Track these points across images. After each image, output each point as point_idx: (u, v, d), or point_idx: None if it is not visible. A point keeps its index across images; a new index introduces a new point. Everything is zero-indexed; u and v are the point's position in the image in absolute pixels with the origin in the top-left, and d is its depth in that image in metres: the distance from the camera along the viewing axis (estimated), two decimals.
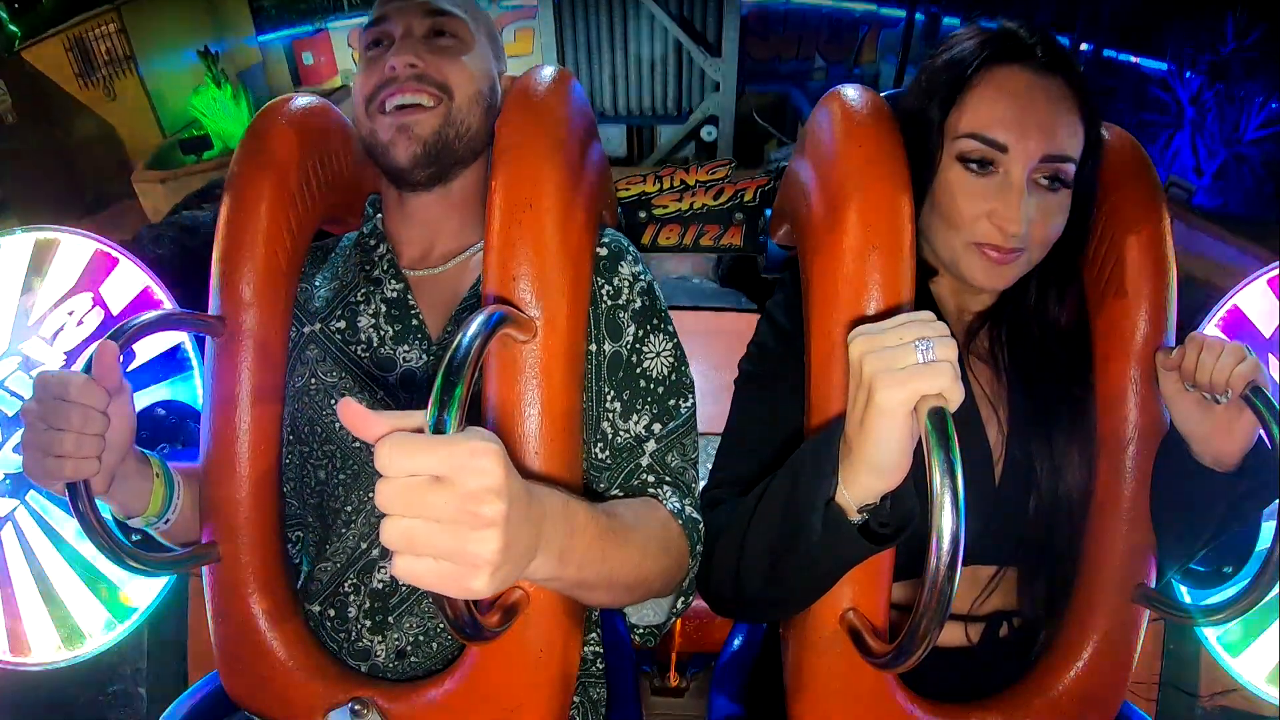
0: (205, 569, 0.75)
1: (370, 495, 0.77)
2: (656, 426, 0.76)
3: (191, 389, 1.13)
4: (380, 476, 0.41)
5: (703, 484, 0.80)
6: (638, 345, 0.77)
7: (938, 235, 0.76)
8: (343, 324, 0.81)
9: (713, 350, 1.28)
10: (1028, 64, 0.72)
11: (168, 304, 1.14)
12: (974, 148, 0.71)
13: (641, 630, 0.79)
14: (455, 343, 0.47)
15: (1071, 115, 0.72)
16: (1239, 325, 1.11)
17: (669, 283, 1.48)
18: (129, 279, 1.13)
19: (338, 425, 0.78)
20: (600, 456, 0.76)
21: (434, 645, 0.77)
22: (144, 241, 1.23)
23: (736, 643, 1.05)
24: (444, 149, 0.77)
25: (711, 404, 1.24)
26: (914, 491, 0.59)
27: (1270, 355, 1.10)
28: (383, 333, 0.80)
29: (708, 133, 4.56)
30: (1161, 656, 1.14)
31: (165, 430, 1.08)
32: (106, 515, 0.69)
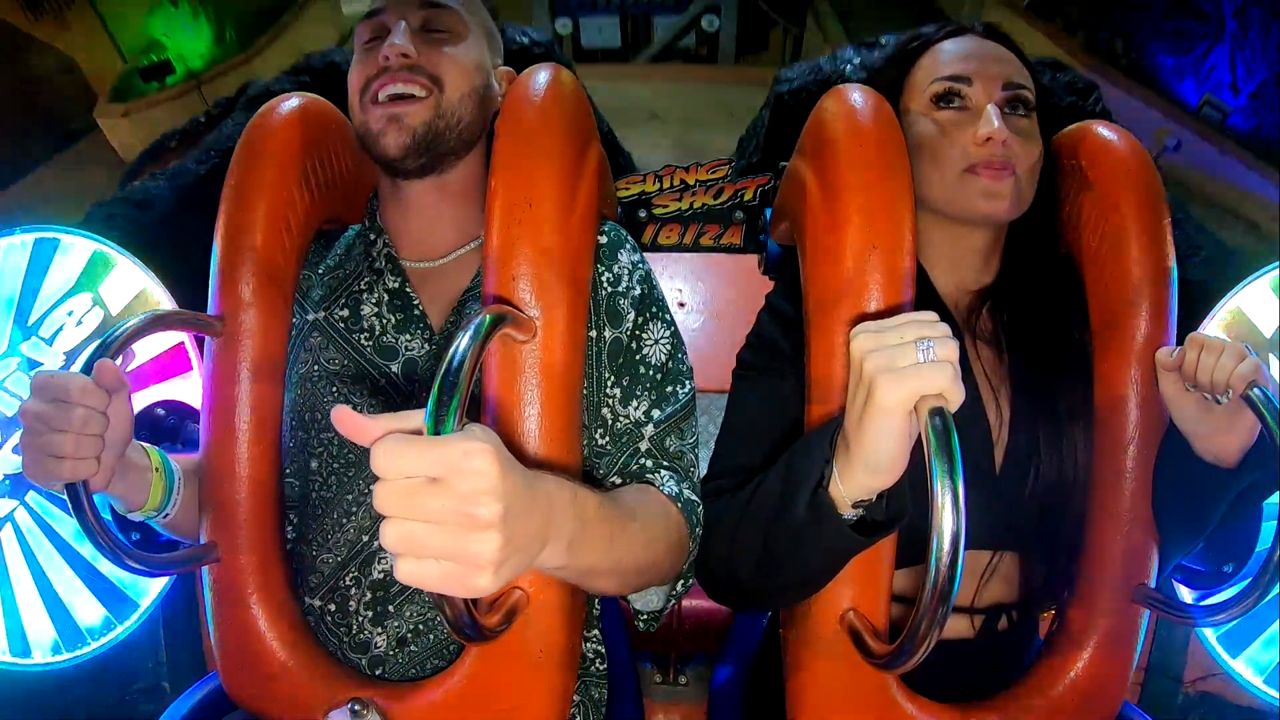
0: (204, 569, 0.75)
1: (369, 488, 0.77)
2: (655, 412, 0.77)
3: (191, 389, 1.13)
4: (378, 479, 0.41)
5: (704, 457, 0.80)
6: (637, 332, 0.78)
7: (928, 181, 0.78)
8: (346, 312, 0.81)
9: (718, 297, 1.30)
10: (970, 35, 0.82)
11: (167, 304, 1.13)
12: (942, 86, 0.79)
13: (645, 615, 0.79)
14: (454, 344, 0.47)
15: (1018, 62, 0.81)
16: (1239, 325, 1.11)
17: (670, 252, 1.49)
18: (129, 279, 1.13)
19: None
20: (600, 442, 0.77)
21: (433, 635, 0.77)
22: (96, 222, 1.21)
23: (737, 641, 1.05)
24: (435, 140, 0.77)
25: (716, 356, 1.23)
26: (908, 488, 0.59)
27: (1270, 355, 1.10)
28: (385, 321, 0.80)
29: (709, 21, 4.28)
30: (1152, 644, 1.14)
31: (165, 430, 1.08)
32: (106, 515, 0.69)
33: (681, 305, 1.30)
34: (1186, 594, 1.05)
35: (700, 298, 1.30)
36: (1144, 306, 0.74)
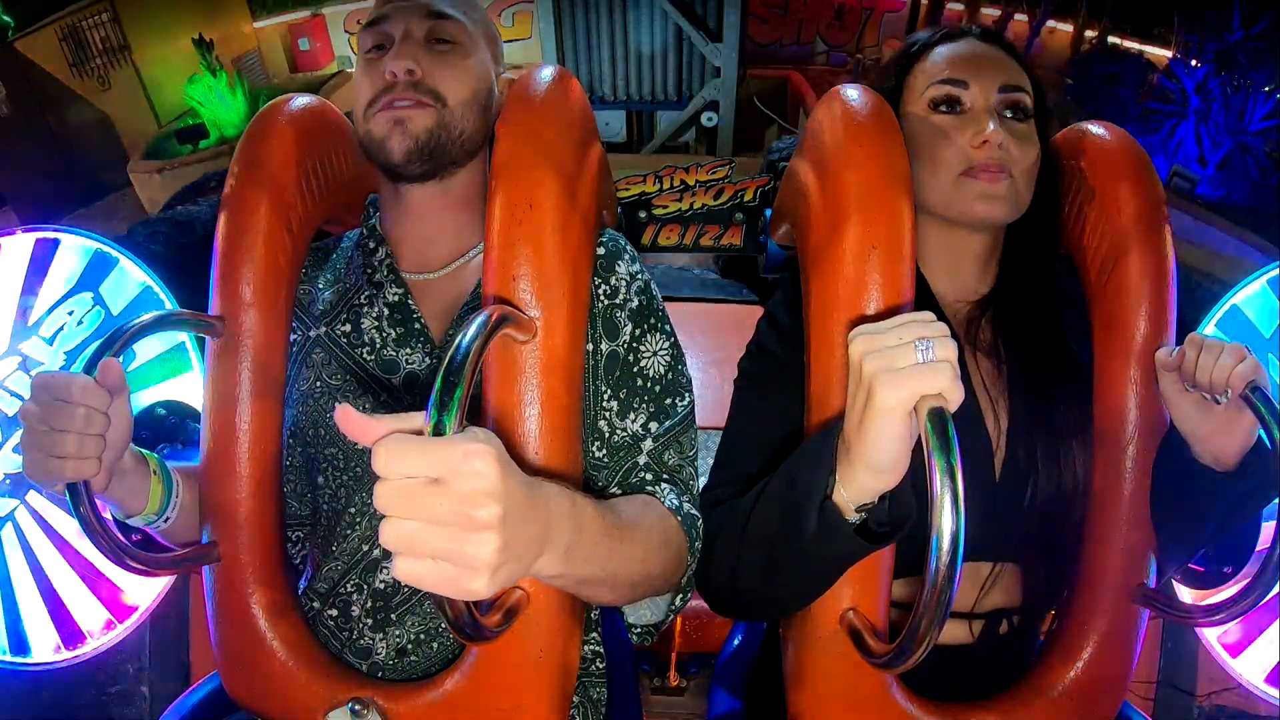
0: (205, 569, 0.75)
1: (373, 498, 0.77)
2: (654, 425, 0.77)
3: (192, 389, 1.13)
4: (378, 478, 0.41)
5: (702, 480, 0.80)
6: (635, 344, 0.78)
7: (926, 184, 0.78)
8: (347, 327, 0.81)
9: (713, 343, 1.29)
10: (967, 38, 0.83)
11: (168, 304, 1.13)
12: (939, 90, 0.79)
13: (639, 629, 0.79)
14: (454, 344, 0.47)
15: (1015, 65, 0.81)
16: (1239, 325, 1.11)
17: (670, 273, 1.48)
18: (129, 279, 1.13)
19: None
20: (598, 455, 0.76)
21: (434, 645, 0.77)
22: (137, 238, 1.22)
23: (736, 642, 1.05)
24: (437, 148, 0.78)
25: (712, 398, 1.24)
26: (911, 491, 0.59)
27: (1270, 355, 1.10)
28: (385, 335, 0.80)
29: (708, 118, 4.47)
30: (1160, 655, 1.14)
31: (165, 430, 1.08)
32: (106, 515, 0.69)
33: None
34: (1186, 594, 1.05)
35: (698, 345, 1.30)
36: (1144, 307, 0.74)
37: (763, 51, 5.79)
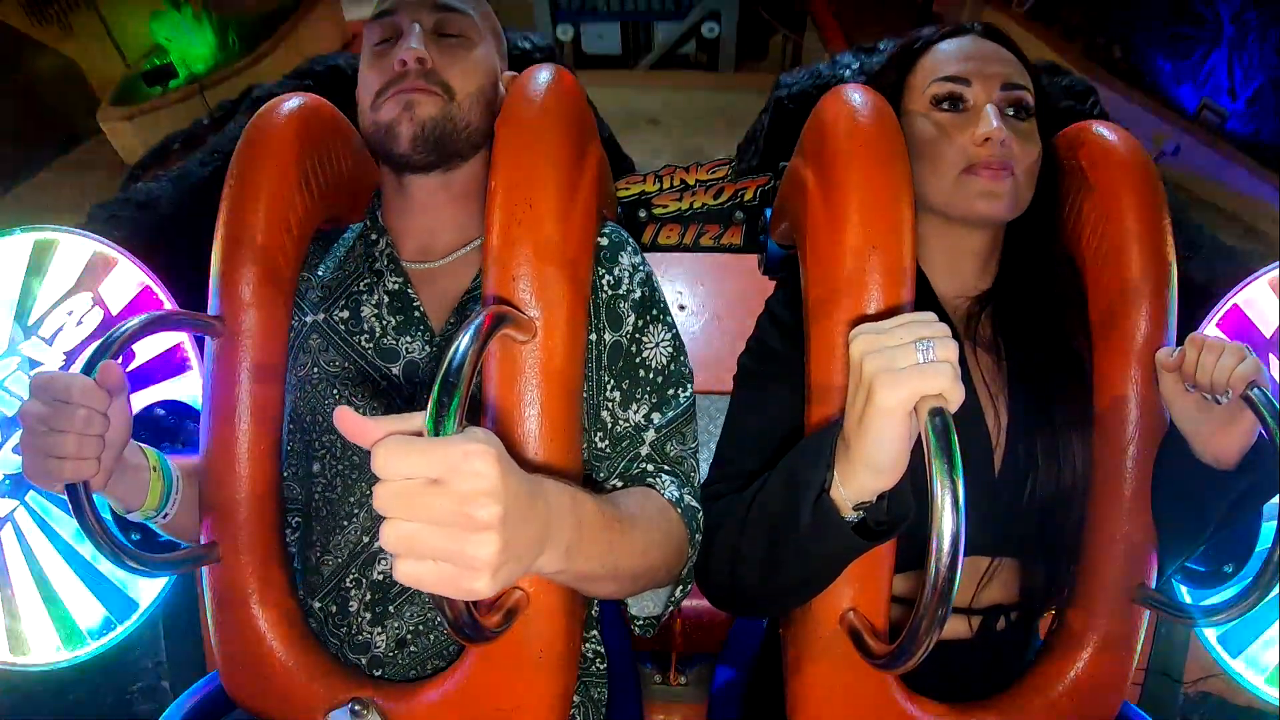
0: (205, 569, 0.75)
1: (370, 490, 0.77)
2: (655, 416, 0.77)
3: (191, 389, 1.13)
4: (378, 480, 0.41)
5: (704, 458, 0.80)
6: (637, 335, 0.78)
7: (927, 182, 0.78)
8: (346, 313, 0.81)
9: (719, 296, 1.28)
10: (969, 35, 0.82)
11: (167, 304, 1.13)
12: (941, 88, 0.79)
13: (642, 621, 0.79)
14: (454, 344, 0.47)
15: (1017, 63, 0.81)
16: (1239, 325, 1.10)
17: (670, 251, 1.48)
18: (128, 279, 1.13)
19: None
20: (600, 446, 0.77)
21: (433, 636, 0.77)
22: (97, 222, 1.20)
23: (736, 641, 1.05)
24: (443, 137, 0.78)
25: (717, 358, 1.23)
26: (910, 490, 0.59)
27: (1270, 355, 1.10)
28: (385, 323, 0.80)
29: (709, 29, 4.26)
30: (1152, 644, 1.14)
31: (165, 430, 1.08)
32: (107, 516, 0.69)
33: (682, 308, 1.30)
34: (1186, 594, 1.05)
35: (700, 300, 1.30)
36: (1144, 306, 0.74)
37: None
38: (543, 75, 0.72)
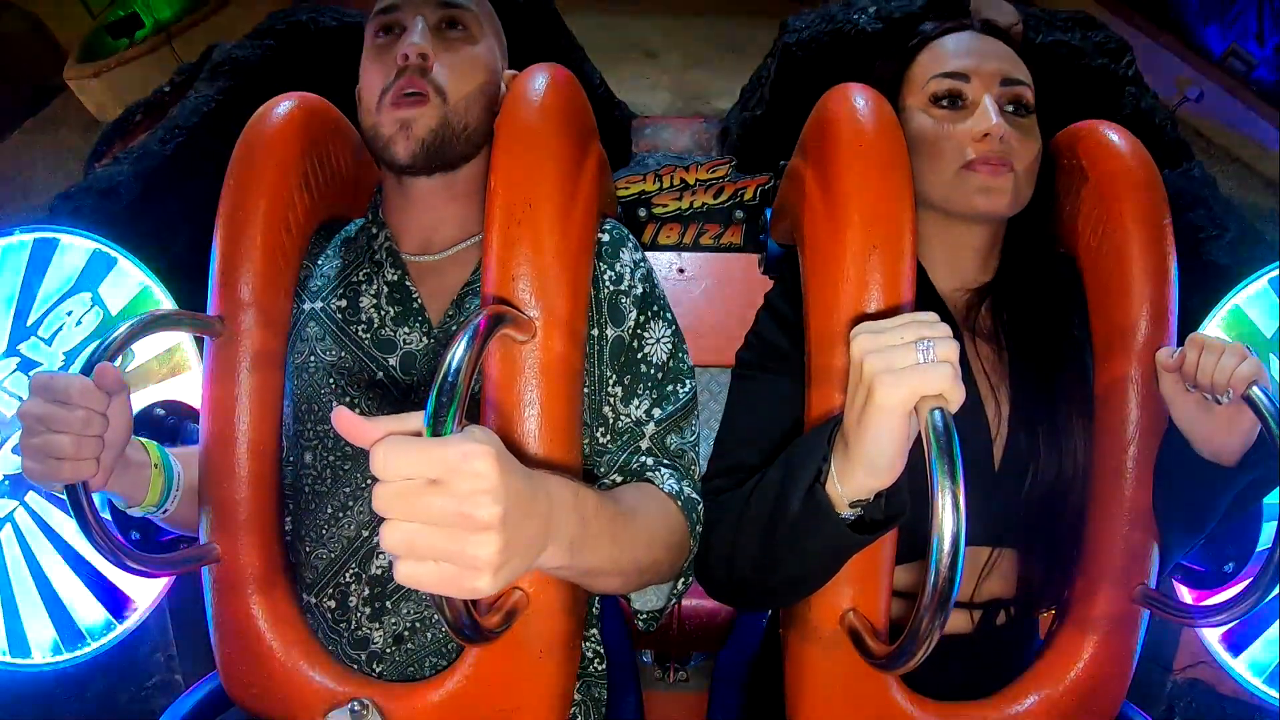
0: (204, 569, 0.75)
1: (367, 482, 0.77)
2: (656, 410, 0.77)
3: (191, 389, 1.13)
4: (377, 480, 0.41)
5: (704, 433, 0.80)
6: (639, 331, 0.78)
7: (926, 178, 0.78)
8: (344, 302, 0.81)
9: (714, 264, 1.27)
10: (968, 30, 0.82)
11: (166, 304, 1.13)
12: (941, 84, 0.79)
13: (645, 615, 0.79)
14: (452, 348, 0.47)
15: (1017, 58, 0.80)
16: (1240, 325, 1.11)
17: (670, 251, 1.47)
18: (128, 279, 1.13)
19: (334, 406, 0.78)
20: (601, 440, 0.77)
21: (430, 633, 0.77)
22: (62, 215, 1.19)
23: (737, 639, 1.05)
24: (442, 145, 0.78)
25: (717, 327, 1.22)
26: (906, 487, 0.59)
27: (1271, 355, 1.10)
28: (383, 313, 0.80)
29: None
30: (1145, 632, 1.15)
31: (164, 430, 1.08)
32: (106, 516, 0.69)
33: (681, 271, 1.29)
34: (1186, 594, 1.05)
35: (700, 264, 1.28)
36: (1144, 307, 0.74)
37: None
38: (543, 75, 0.72)
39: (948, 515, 0.47)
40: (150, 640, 1.18)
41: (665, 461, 0.76)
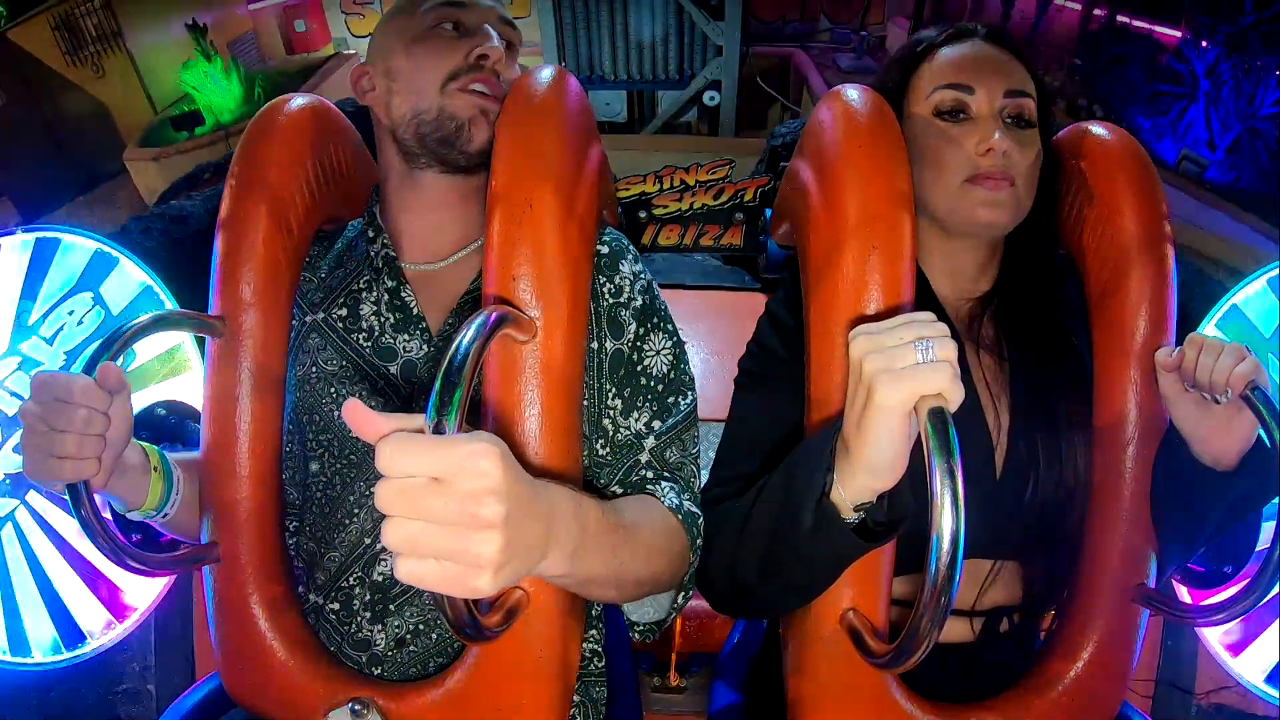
0: (205, 569, 0.75)
1: (370, 490, 0.77)
2: (656, 423, 0.77)
3: (192, 389, 1.13)
4: (381, 476, 0.42)
5: (704, 475, 0.80)
6: (638, 343, 0.78)
7: (929, 190, 0.78)
8: (344, 311, 0.81)
9: (715, 333, 1.28)
10: (973, 39, 0.82)
11: (168, 304, 1.13)
12: (944, 96, 0.79)
13: (641, 627, 0.79)
14: (455, 344, 0.47)
15: (1020, 68, 0.80)
16: (1239, 325, 1.11)
17: (670, 259, 1.48)
18: (129, 279, 1.13)
19: (336, 415, 0.78)
20: (601, 453, 0.77)
21: (433, 636, 0.77)
22: (132, 234, 1.22)
23: (736, 640, 1.05)
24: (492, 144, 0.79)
25: (714, 389, 1.24)
26: (909, 490, 0.59)
27: (1270, 355, 1.10)
28: (383, 320, 0.80)
29: (710, 98, 4.45)
30: (1159, 654, 1.14)
31: (165, 430, 1.08)
32: (107, 515, 0.69)
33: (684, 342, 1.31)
34: (1186, 594, 1.05)
35: (701, 336, 1.29)
36: (1144, 307, 0.74)
37: (765, 29, 5.65)
38: (543, 75, 0.72)
39: (947, 513, 0.47)
40: (128, 648, 1.17)
41: (665, 475, 0.76)
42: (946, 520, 0.47)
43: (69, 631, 1.12)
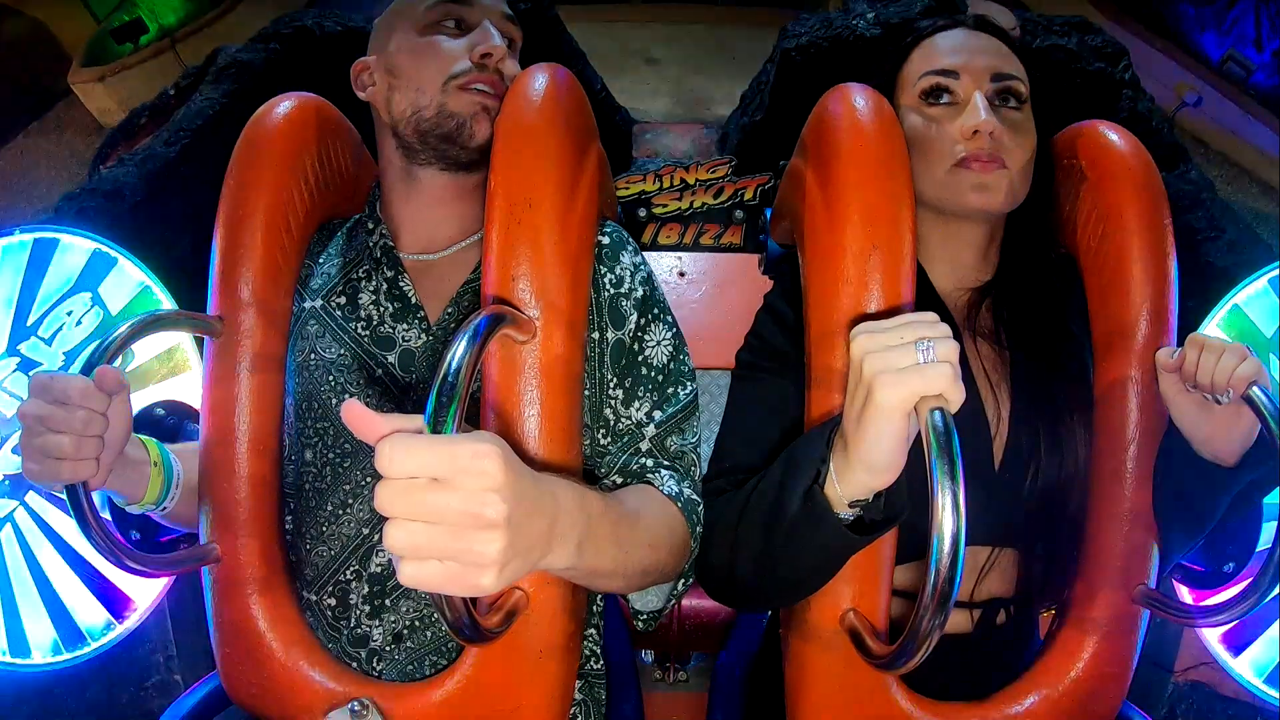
0: (204, 569, 0.75)
1: (367, 480, 0.77)
2: (657, 413, 0.77)
3: (191, 389, 1.13)
4: (381, 478, 0.41)
5: (705, 441, 0.80)
6: (639, 334, 0.78)
7: (920, 176, 0.78)
8: (343, 299, 0.82)
9: (716, 266, 1.26)
10: (961, 27, 0.82)
11: (166, 303, 1.13)
12: (930, 81, 0.79)
13: (645, 616, 0.79)
14: (452, 348, 0.47)
15: (1008, 51, 0.80)
16: (1240, 325, 1.10)
17: (670, 251, 1.47)
18: (128, 278, 1.13)
19: (334, 403, 0.79)
20: (602, 442, 0.77)
21: (430, 632, 0.77)
22: (67, 216, 1.20)
23: (737, 637, 1.05)
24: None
25: (718, 328, 1.21)
26: (905, 487, 0.59)
27: (1271, 355, 1.10)
28: (382, 309, 0.81)
29: None
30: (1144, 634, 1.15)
31: (164, 430, 1.08)
32: (106, 515, 0.69)
33: (682, 275, 1.28)
34: (1186, 594, 1.05)
35: (700, 266, 1.28)
36: (1144, 307, 0.74)
37: None
38: (543, 75, 0.72)
39: (947, 515, 0.47)
40: (149, 640, 1.18)
41: (665, 463, 0.76)
42: (947, 521, 0.47)
43: (69, 632, 1.12)
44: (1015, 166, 0.77)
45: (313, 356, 0.80)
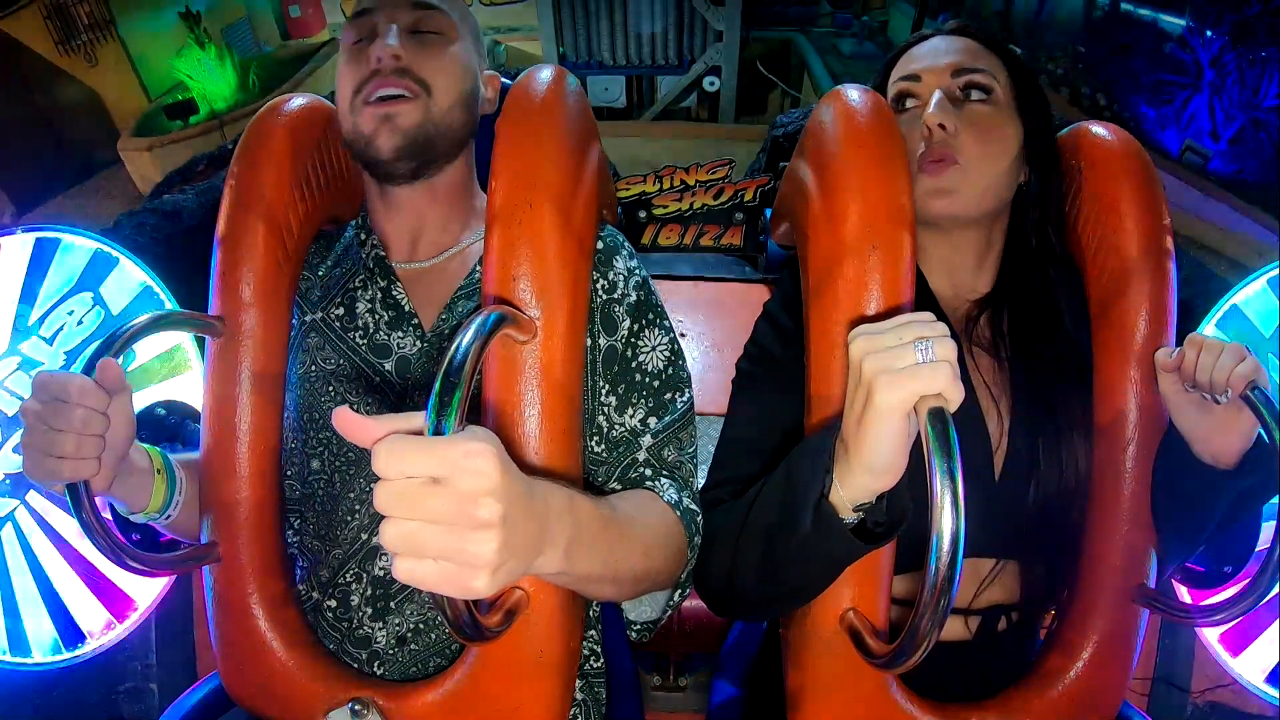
0: (205, 568, 0.75)
1: (369, 486, 0.77)
2: (652, 421, 0.77)
3: (191, 389, 1.13)
4: (378, 479, 0.42)
5: (702, 472, 0.80)
6: (633, 340, 0.78)
7: None
8: (341, 310, 0.82)
9: (716, 327, 1.28)
10: (940, 34, 0.82)
11: (168, 304, 1.13)
12: (897, 89, 0.80)
13: (639, 626, 0.79)
14: (455, 344, 0.47)
15: (980, 49, 0.79)
16: (1239, 325, 1.11)
17: (670, 252, 1.49)
18: (129, 278, 1.13)
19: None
20: (597, 450, 0.77)
21: (434, 634, 0.77)
22: (124, 230, 1.21)
23: (736, 638, 1.05)
24: (425, 143, 0.78)
25: (714, 381, 1.24)
26: (908, 491, 0.59)
27: (1270, 355, 1.10)
28: (378, 318, 0.81)
29: (710, 83, 4.44)
30: (1157, 652, 1.14)
31: (165, 430, 1.08)
32: (107, 515, 0.69)
33: (683, 335, 1.30)
34: (1186, 594, 1.05)
35: (700, 328, 1.30)
36: (1144, 307, 0.74)
37: (766, 13, 5.58)
38: (544, 75, 0.72)
39: (947, 514, 0.47)
40: (129, 647, 1.17)
41: (664, 472, 0.76)
42: (946, 521, 0.47)
43: (69, 631, 1.12)
44: (970, 160, 0.75)
45: (314, 368, 0.80)
